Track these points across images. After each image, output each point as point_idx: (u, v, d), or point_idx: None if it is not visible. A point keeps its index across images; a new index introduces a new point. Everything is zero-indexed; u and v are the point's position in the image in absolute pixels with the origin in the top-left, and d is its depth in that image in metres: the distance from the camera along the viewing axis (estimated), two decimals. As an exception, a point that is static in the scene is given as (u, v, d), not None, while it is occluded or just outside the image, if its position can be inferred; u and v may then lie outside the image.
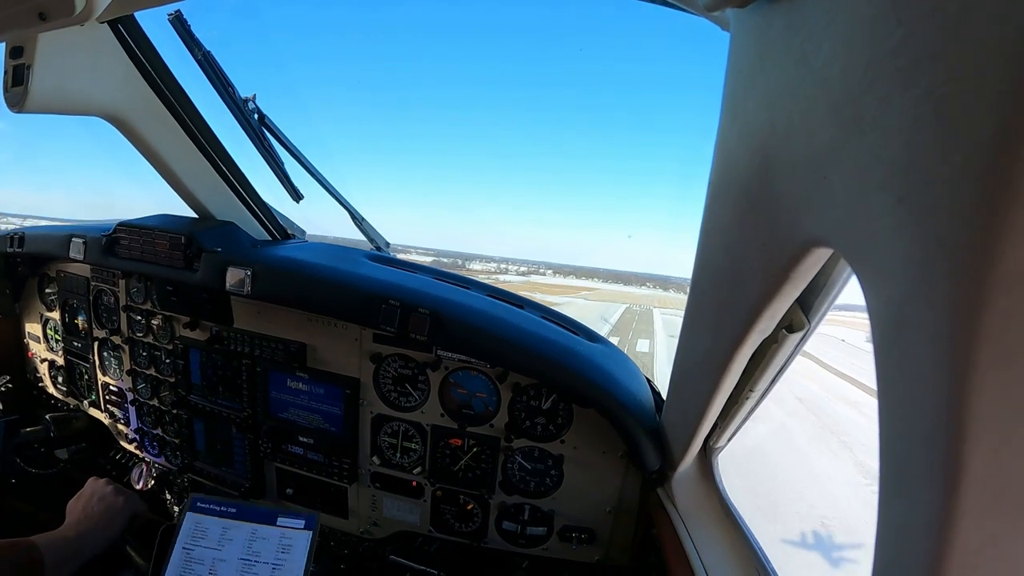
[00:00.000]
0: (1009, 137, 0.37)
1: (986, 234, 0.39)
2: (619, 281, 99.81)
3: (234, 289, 1.88)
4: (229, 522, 1.59)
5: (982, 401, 0.42)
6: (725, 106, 0.85)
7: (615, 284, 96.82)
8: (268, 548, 1.55)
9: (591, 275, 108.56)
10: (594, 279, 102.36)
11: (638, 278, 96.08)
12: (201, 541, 1.55)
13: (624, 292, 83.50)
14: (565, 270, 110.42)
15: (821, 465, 12.64)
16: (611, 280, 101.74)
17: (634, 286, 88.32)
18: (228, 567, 1.52)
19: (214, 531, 1.57)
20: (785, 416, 15.77)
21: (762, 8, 0.69)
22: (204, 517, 1.59)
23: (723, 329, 1.01)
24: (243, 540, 1.56)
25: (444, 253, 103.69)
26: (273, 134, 1.99)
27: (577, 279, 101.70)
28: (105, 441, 2.62)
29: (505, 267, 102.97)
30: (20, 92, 1.42)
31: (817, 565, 8.64)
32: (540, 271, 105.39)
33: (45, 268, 2.62)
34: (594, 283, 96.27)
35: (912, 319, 0.48)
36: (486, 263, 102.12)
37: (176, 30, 1.67)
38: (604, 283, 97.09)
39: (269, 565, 1.52)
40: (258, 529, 1.58)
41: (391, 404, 1.93)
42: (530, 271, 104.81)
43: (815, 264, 0.73)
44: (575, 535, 1.82)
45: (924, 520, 0.49)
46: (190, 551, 1.53)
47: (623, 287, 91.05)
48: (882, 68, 0.49)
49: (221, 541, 1.55)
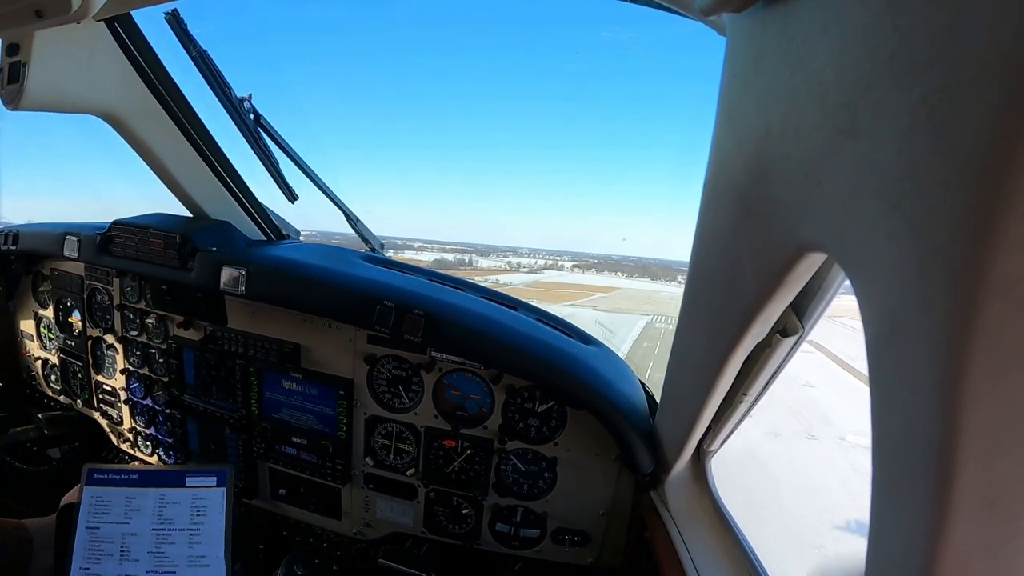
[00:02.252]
0: (1002, 144, 0.37)
1: (979, 241, 0.39)
2: (646, 275, 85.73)
3: (228, 289, 1.87)
4: (133, 490, 1.43)
5: (975, 405, 0.43)
6: (720, 110, 0.85)
7: (641, 280, 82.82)
8: (181, 513, 1.41)
9: (616, 268, 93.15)
10: (618, 273, 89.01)
11: (668, 269, 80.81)
12: (105, 516, 1.39)
13: (649, 291, 68.16)
14: (587, 261, 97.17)
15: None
16: (637, 274, 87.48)
17: (662, 281, 75.13)
18: (140, 541, 1.37)
19: (118, 503, 1.41)
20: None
21: (758, 13, 0.69)
22: (104, 489, 1.43)
23: (717, 332, 1.01)
24: (151, 508, 1.41)
25: (454, 245, 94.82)
26: (269, 134, 1.99)
27: (598, 274, 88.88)
28: (98, 440, 2.61)
29: (517, 262, 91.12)
30: (16, 89, 1.41)
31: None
32: (558, 264, 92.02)
33: (39, 266, 2.60)
34: (617, 279, 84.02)
35: (906, 324, 0.48)
36: (499, 258, 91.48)
37: (172, 28, 1.66)
38: (629, 278, 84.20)
39: (185, 532, 1.39)
40: (166, 494, 1.43)
41: (385, 405, 1.92)
42: (547, 266, 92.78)
43: (809, 269, 0.73)
44: (568, 537, 1.82)
45: (917, 523, 0.49)
46: (95, 529, 1.37)
47: (649, 283, 77.55)
48: (876, 74, 0.49)
49: (128, 513, 1.40)
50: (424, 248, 78.95)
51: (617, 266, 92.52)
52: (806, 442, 15.68)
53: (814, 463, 14.01)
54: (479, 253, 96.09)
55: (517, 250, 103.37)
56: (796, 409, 17.76)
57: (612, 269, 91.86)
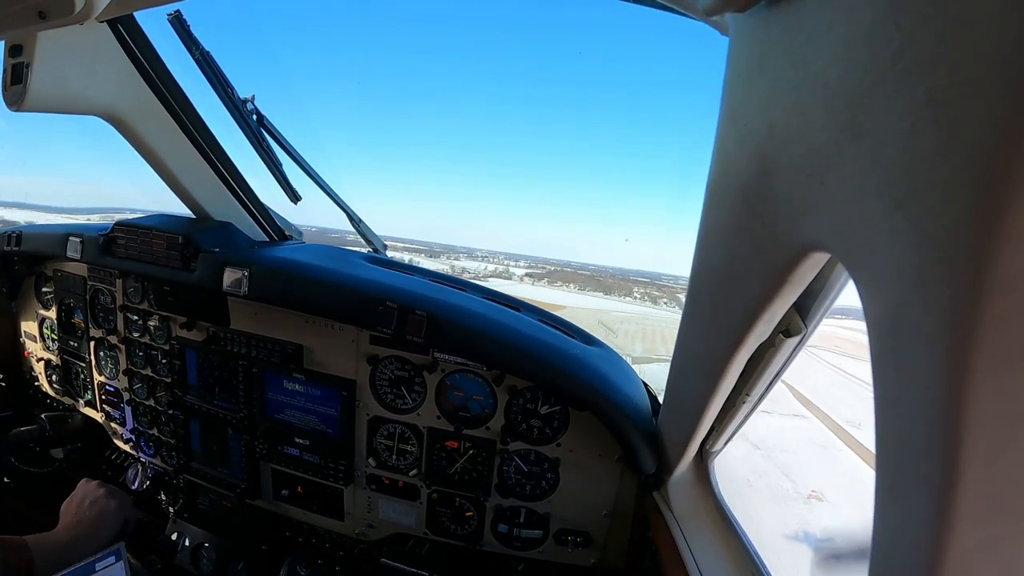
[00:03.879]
0: (1006, 143, 0.37)
1: (983, 239, 0.39)
2: (599, 287, 72.51)
3: (231, 290, 1.87)
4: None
5: (978, 405, 0.43)
6: (723, 109, 0.85)
7: (593, 294, 69.21)
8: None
9: (572, 278, 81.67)
10: (572, 285, 76.62)
11: (624, 280, 70.69)
12: None
13: (602, 309, 56.16)
14: (543, 268, 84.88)
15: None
16: (591, 286, 73.91)
17: (616, 296, 63.39)
18: None
19: None
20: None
21: (761, 12, 0.69)
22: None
23: (720, 333, 1.01)
24: None
25: (403, 242, 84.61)
26: (272, 135, 1.99)
27: (549, 286, 76.38)
28: (100, 441, 2.62)
29: (462, 267, 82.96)
30: (19, 91, 1.42)
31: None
32: (508, 272, 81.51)
33: (42, 267, 2.61)
34: (565, 294, 70.67)
35: (909, 323, 0.48)
36: (447, 260, 79.35)
37: (175, 30, 1.67)
38: (580, 293, 70.47)
39: None
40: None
41: (387, 406, 1.93)
42: (495, 273, 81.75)
43: (812, 268, 0.73)
44: (571, 538, 1.82)
45: (921, 523, 0.49)
46: None
47: (601, 299, 65.18)
48: (880, 73, 0.49)
49: None
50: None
51: (574, 276, 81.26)
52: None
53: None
54: (429, 254, 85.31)
55: (474, 252, 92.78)
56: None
57: (568, 280, 79.77)
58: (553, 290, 74.82)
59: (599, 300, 65.95)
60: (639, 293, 76.31)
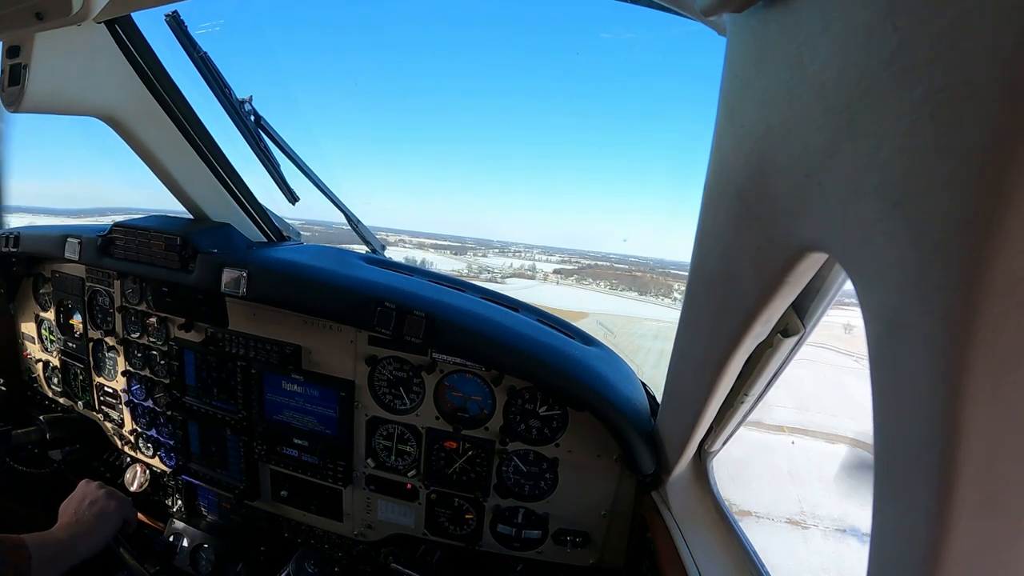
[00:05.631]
0: (1003, 144, 0.37)
1: (980, 239, 0.39)
2: (635, 287, 61.20)
3: (229, 290, 1.87)
4: None
5: (976, 405, 0.43)
6: (721, 109, 0.85)
7: (628, 295, 58.51)
8: None
9: (606, 275, 69.24)
10: (600, 283, 65.98)
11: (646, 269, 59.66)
12: None
13: (634, 318, 43.15)
14: (578, 262, 73.99)
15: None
16: (624, 286, 62.68)
17: (652, 297, 53.19)
18: None
19: None
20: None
21: (758, 13, 0.69)
22: None
23: (718, 333, 1.01)
24: None
25: (425, 236, 74.14)
26: (270, 136, 1.99)
27: (577, 285, 66.22)
28: (99, 442, 2.61)
29: (481, 265, 68.86)
30: (16, 92, 1.42)
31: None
32: (535, 270, 71.03)
33: (40, 268, 2.60)
34: (595, 293, 60.64)
35: (907, 323, 0.48)
36: (472, 256, 69.91)
37: (173, 30, 1.67)
38: (611, 294, 60.05)
39: None
40: None
41: (386, 407, 1.92)
42: (515, 273, 70.86)
43: (810, 269, 0.73)
44: (570, 538, 1.82)
45: (919, 522, 0.49)
46: None
47: (637, 302, 54.29)
48: (877, 74, 0.49)
49: None
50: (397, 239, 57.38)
51: (611, 271, 69.98)
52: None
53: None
54: (452, 252, 77.81)
55: (507, 247, 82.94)
56: None
57: (601, 276, 69.64)
58: (577, 289, 65.60)
59: (633, 303, 55.28)
60: (680, 292, 66.49)
